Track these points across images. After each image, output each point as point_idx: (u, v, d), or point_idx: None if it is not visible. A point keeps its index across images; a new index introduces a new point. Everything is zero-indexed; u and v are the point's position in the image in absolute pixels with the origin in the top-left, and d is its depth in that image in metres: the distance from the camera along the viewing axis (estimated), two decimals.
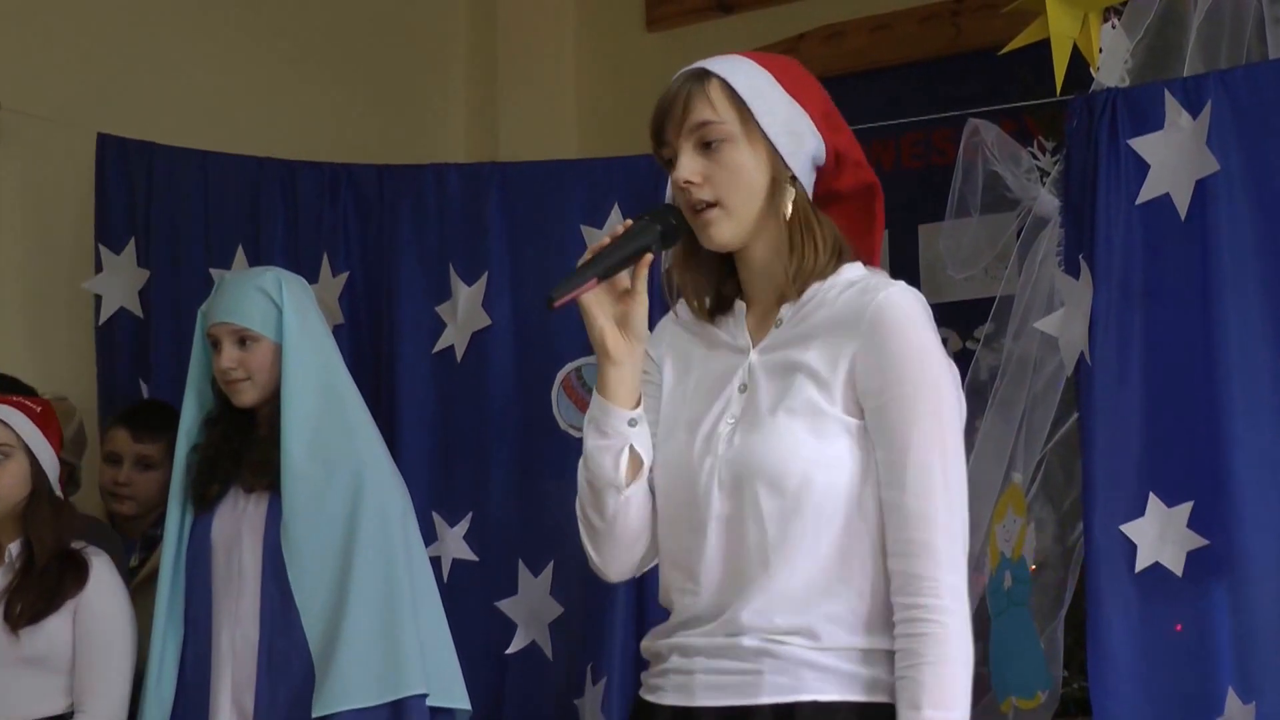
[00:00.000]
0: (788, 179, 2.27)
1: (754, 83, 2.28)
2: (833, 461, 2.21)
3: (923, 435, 2.19)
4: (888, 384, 2.20)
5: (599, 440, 2.32)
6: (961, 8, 4.77)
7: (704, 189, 2.27)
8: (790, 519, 2.20)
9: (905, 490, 2.18)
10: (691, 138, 2.28)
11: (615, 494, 2.31)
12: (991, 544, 3.40)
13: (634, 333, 2.30)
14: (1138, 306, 3.14)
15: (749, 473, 2.23)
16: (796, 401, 2.23)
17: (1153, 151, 3.15)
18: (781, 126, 2.27)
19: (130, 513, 4.09)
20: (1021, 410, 3.46)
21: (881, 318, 2.22)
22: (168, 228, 4.36)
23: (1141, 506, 3.08)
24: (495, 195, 4.17)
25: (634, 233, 2.28)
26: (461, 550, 4.11)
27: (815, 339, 2.25)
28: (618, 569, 2.38)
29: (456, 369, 4.13)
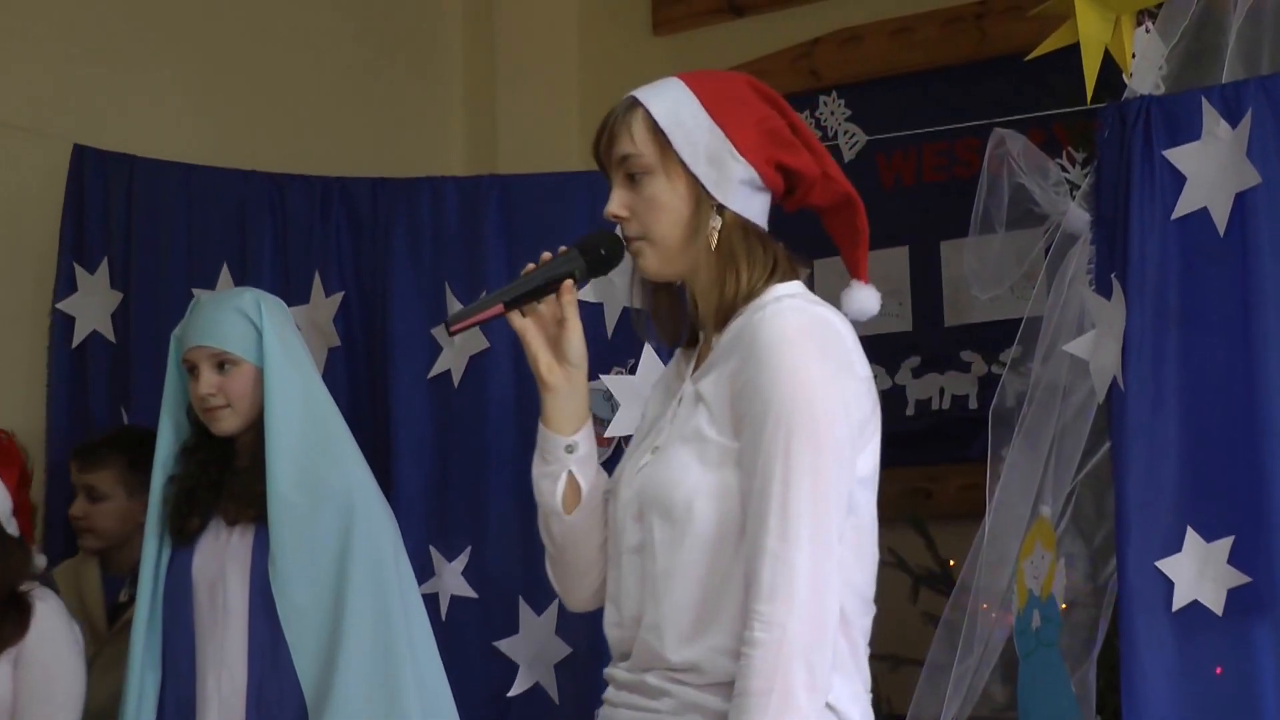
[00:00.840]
0: (712, 208, 2.35)
1: (676, 111, 2.36)
2: (714, 489, 2.28)
3: (768, 459, 2.21)
4: (750, 406, 2.25)
5: (540, 467, 2.47)
6: (986, 10, 4.78)
7: (631, 223, 2.38)
8: (677, 548, 2.28)
9: (763, 524, 2.22)
10: (618, 171, 2.39)
11: (558, 520, 2.45)
12: (1019, 581, 3.38)
13: (569, 360, 2.43)
14: (1174, 328, 3.12)
15: (647, 503, 2.33)
16: (687, 429, 2.32)
17: (1190, 163, 3.13)
18: (701, 155, 2.34)
19: (95, 547, 4.08)
20: (1050, 439, 3.45)
21: (756, 336, 2.27)
22: (148, 246, 4.36)
23: (1179, 541, 3.05)
24: (494, 209, 4.16)
25: (556, 262, 2.40)
26: (460, 587, 4.09)
27: (716, 365, 2.34)
28: (575, 598, 2.50)
29: (454, 394, 4.12)
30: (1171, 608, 3.03)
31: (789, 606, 2.17)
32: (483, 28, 5.48)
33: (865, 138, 4.81)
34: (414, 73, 5.38)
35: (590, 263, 2.40)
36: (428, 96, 5.40)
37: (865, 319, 2.41)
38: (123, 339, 4.38)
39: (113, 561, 4.09)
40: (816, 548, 2.19)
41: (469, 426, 4.12)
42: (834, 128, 4.98)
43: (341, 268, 4.25)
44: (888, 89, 4.92)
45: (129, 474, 3.98)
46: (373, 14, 5.30)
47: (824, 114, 5.01)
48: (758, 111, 2.39)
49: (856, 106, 4.96)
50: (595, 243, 2.42)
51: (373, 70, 5.26)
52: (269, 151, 4.76)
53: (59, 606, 3.63)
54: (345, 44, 5.21)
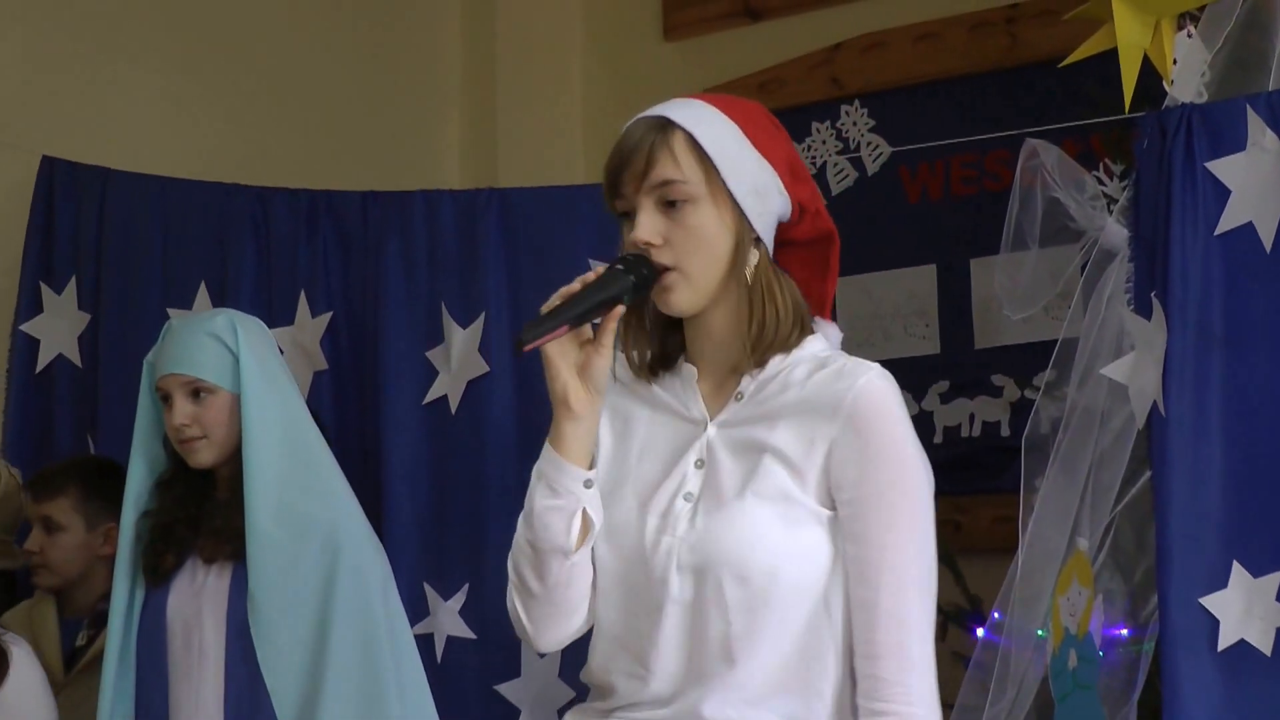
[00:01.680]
0: (752, 241, 2.37)
1: (722, 138, 2.37)
2: (802, 553, 2.34)
3: (900, 534, 2.34)
4: (865, 478, 2.33)
5: (549, 500, 2.39)
6: (1017, 14, 4.79)
7: (663, 252, 2.36)
8: (756, 611, 2.32)
9: (880, 589, 2.33)
10: (652, 195, 2.36)
11: (562, 559, 2.40)
12: (1055, 619, 3.39)
13: (596, 386, 2.39)
14: (1217, 350, 3.12)
15: (714, 559, 2.34)
16: (766, 486, 2.35)
17: (1234, 175, 3.14)
18: (749, 187, 2.36)
19: (50, 585, 4.06)
20: (1087, 468, 3.45)
21: (862, 407, 2.34)
22: (119, 264, 4.38)
23: (1224, 576, 3.06)
24: (493, 225, 4.19)
25: (606, 280, 2.36)
26: (457, 627, 4.11)
27: (784, 420, 2.37)
28: (550, 639, 2.47)
29: (450, 421, 4.14)
30: (1217, 647, 3.03)
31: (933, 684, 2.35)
32: (482, 31, 5.50)
33: (889, 149, 4.85)
34: (408, 79, 5.39)
35: (636, 285, 2.36)
36: (422, 104, 5.42)
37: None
38: (90, 364, 4.40)
39: (70, 602, 4.08)
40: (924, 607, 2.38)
41: (466, 456, 4.14)
42: (856, 139, 5.01)
43: (329, 287, 4.27)
44: (913, 98, 4.95)
45: (87, 503, 3.98)
46: (364, 17, 5.31)
47: (846, 124, 5.05)
48: (785, 145, 2.43)
49: (880, 116, 4.99)
50: (636, 264, 2.37)
51: (364, 77, 5.28)
52: (252, 164, 4.78)
53: (29, 653, 3.63)
54: (334, 50, 5.23)
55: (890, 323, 4.89)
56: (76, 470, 4.04)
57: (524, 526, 2.43)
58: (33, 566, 4.06)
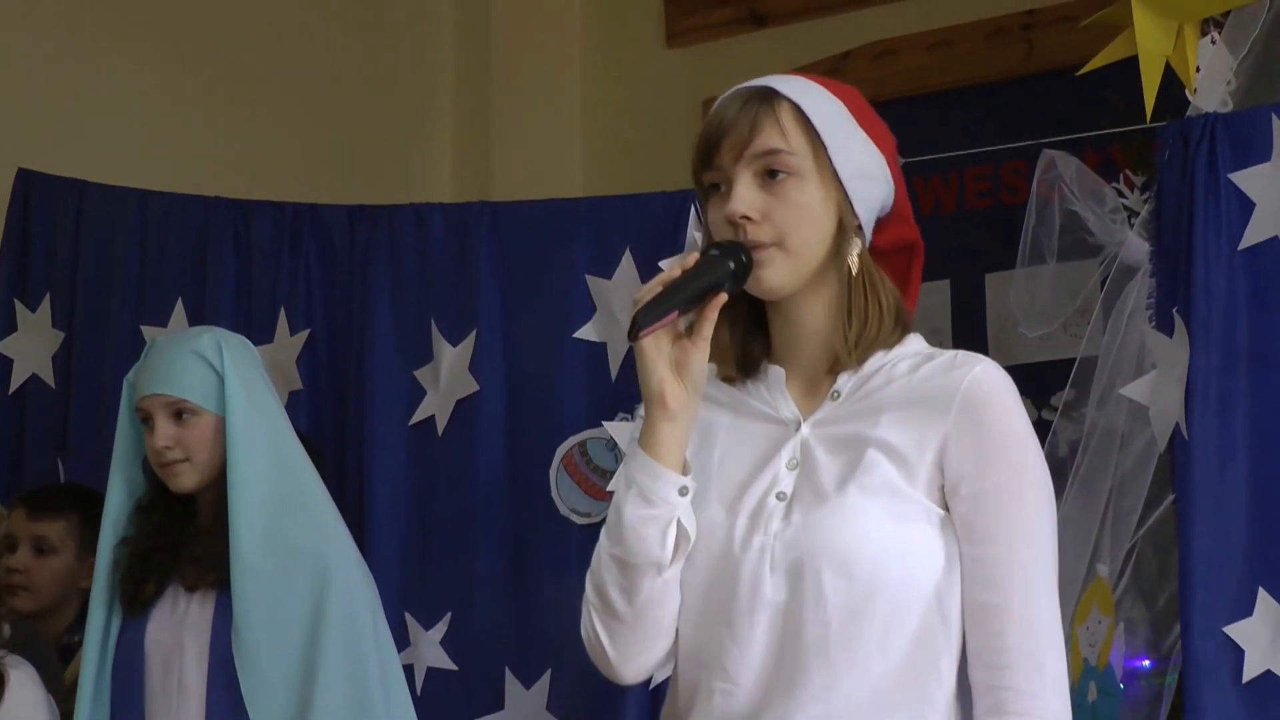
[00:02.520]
0: (854, 228, 2.30)
1: (830, 114, 2.30)
2: (913, 550, 2.24)
3: (1029, 533, 2.25)
4: (986, 472, 2.24)
5: (643, 509, 2.29)
6: (1034, 21, 4.82)
7: (763, 227, 2.28)
8: (860, 612, 2.22)
9: (1008, 593, 2.23)
10: (753, 166, 2.29)
11: (655, 575, 2.30)
12: (1073, 649, 3.42)
13: (694, 383, 2.29)
14: (1242, 368, 3.16)
15: (812, 554, 2.24)
16: (871, 479, 2.25)
17: (1258, 187, 3.18)
18: (855, 168, 2.29)
19: (27, 609, 4.06)
20: (1107, 491, 3.48)
21: (978, 395, 2.26)
22: (95, 280, 4.41)
23: (1249, 604, 3.10)
24: (486, 239, 4.20)
25: (706, 267, 2.28)
26: (438, 658, 4.12)
27: (887, 413, 2.28)
28: (636, 668, 2.36)
29: (437, 443, 4.16)
30: (1241, 678, 3.07)
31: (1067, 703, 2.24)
32: (476, 38, 5.51)
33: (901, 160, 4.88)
34: (398, 88, 5.40)
35: (734, 272, 2.28)
36: (413, 115, 5.42)
37: None
38: (63, 384, 4.42)
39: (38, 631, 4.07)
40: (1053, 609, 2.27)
41: (453, 478, 4.15)
42: None
43: (309, 303, 4.29)
44: (926, 107, 4.97)
45: (83, 530, 4.00)
46: (352, 21, 5.32)
47: None
48: (889, 134, 2.35)
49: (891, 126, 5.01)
50: (732, 249, 2.29)
51: (351, 85, 5.29)
52: (233, 176, 4.79)
53: (32, 675, 3.64)
54: (321, 56, 5.24)
55: None
56: (78, 496, 4.05)
57: (610, 541, 2.31)
58: (11, 586, 4.06)
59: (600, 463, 4.04)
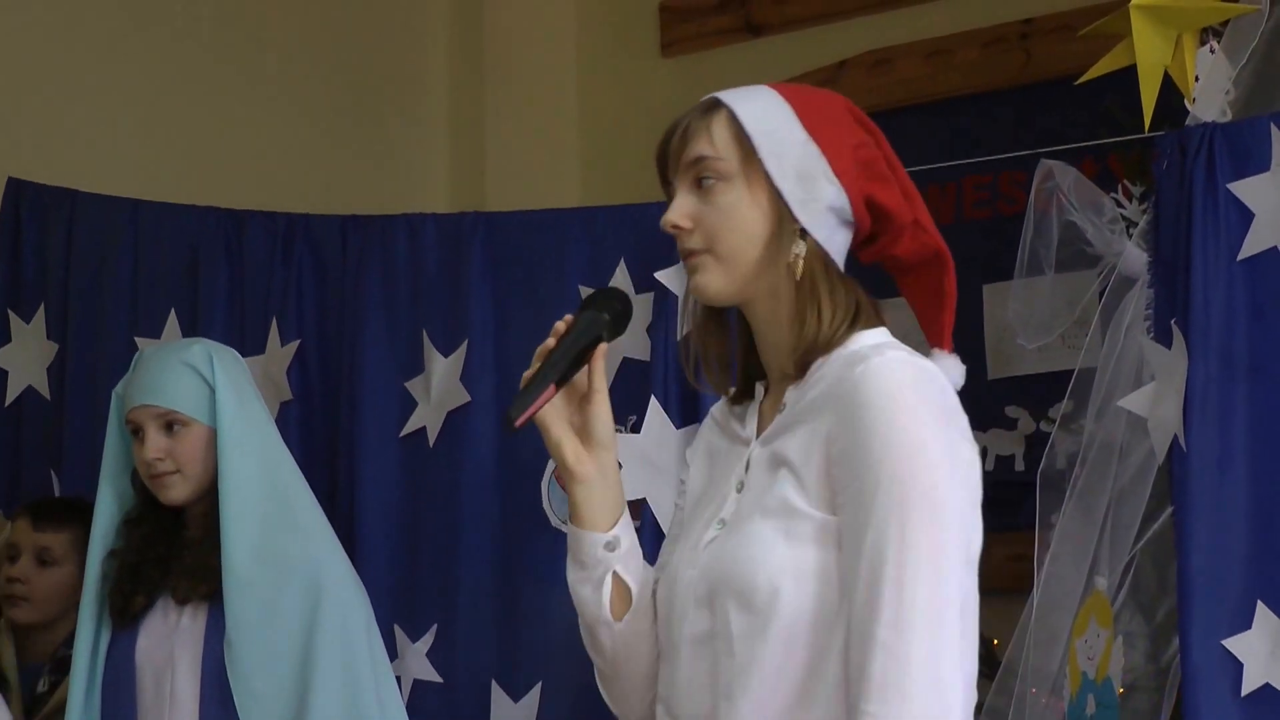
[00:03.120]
0: (794, 232, 2.30)
1: (767, 117, 2.32)
2: (803, 570, 2.19)
3: (880, 537, 2.14)
4: (852, 474, 2.18)
5: (578, 573, 2.38)
6: (1032, 30, 4.82)
7: (693, 235, 2.32)
8: (758, 638, 2.20)
9: (854, 603, 2.16)
10: (687, 175, 2.34)
11: (607, 630, 2.37)
12: (1071, 662, 3.42)
13: (598, 440, 2.36)
14: (1241, 380, 3.17)
15: (720, 586, 2.25)
16: (771, 499, 2.24)
17: (1257, 197, 3.18)
18: (790, 169, 2.30)
19: (27, 620, 4.07)
20: (1106, 504, 3.48)
21: (857, 392, 2.19)
22: (87, 290, 4.40)
23: (1248, 618, 3.10)
24: (479, 250, 4.20)
25: (581, 327, 2.35)
26: (424, 670, 4.12)
27: (800, 424, 2.25)
28: (633, 712, 2.42)
29: (428, 455, 4.16)
30: (1240, 691, 3.08)
31: (903, 707, 2.11)
32: (470, 47, 5.52)
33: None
34: (391, 97, 5.40)
35: (613, 320, 2.36)
36: (407, 125, 5.42)
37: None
38: (57, 396, 4.41)
39: (34, 645, 4.09)
40: (935, 641, 2.13)
41: (442, 490, 4.15)
42: None
43: (300, 314, 4.29)
44: (923, 117, 4.98)
45: (85, 544, 3.98)
46: (345, 30, 5.32)
47: None
48: (855, 135, 2.34)
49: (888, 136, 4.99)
50: (609, 298, 2.38)
51: (343, 94, 5.29)
52: (226, 185, 4.79)
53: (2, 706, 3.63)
54: (313, 65, 5.24)
55: None
56: (82, 509, 4.00)
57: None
58: (11, 596, 4.06)
59: None
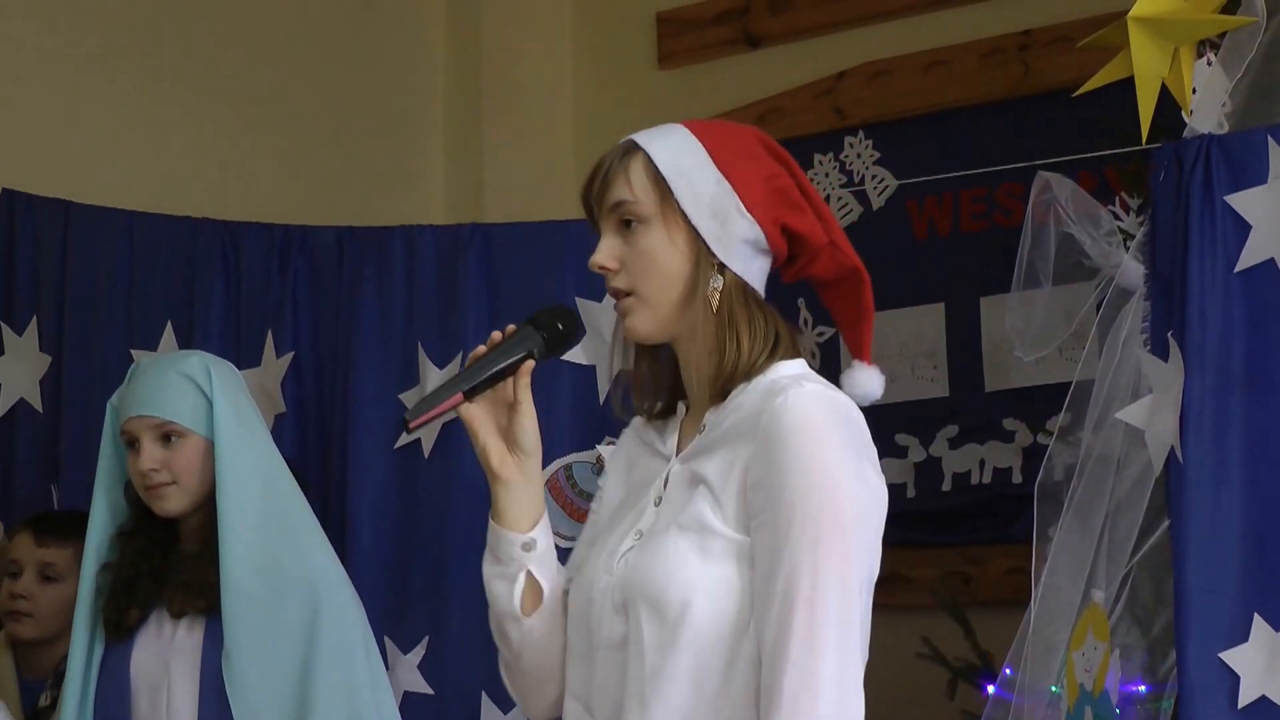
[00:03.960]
0: (713, 266, 2.43)
1: (680, 159, 2.44)
2: (716, 586, 2.34)
3: (794, 560, 2.29)
4: (769, 500, 2.32)
5: (493, 568, 2.52)
6: (1030, 41, 4.83)
7: (620, 276, 2.45)
8: (669, 648, 2.34)
9: (766, 623, 2.30)
10: (611, 218, 2.46)
11: (516, 625, 2.51)
12: (1069, 675, 3.43)
13: (523, 448, 2.49)
14: (1237, 393, 3.17)
15: (634, 594, 2.38)
16: (687, 515, 2.38)
17: (1255, 209, 3.19)
18: (705, 208, 2.43)
19: (31, 635, 4.07)
20: (1103, 517, 3.49)
21: (775, 424, 2.33)
22: (82, 303, 4.41)
23: (1245, 630, 3.11)
24: (475, 261, 4.22)
25: (513, 341, 2.46)
26: (414, 681, 4.14)
27: (719, 448, 2.40)
28: (538, 706, 2.56)
29: (423, 467, 4.18)
30: (1237, 704, 3.08)
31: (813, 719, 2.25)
32: (467, 59, 5.52)
33: (896, 182, 4.89)
34: (389, 109, 5.40)
35: (549, 340, 2.47)
36: (404, 136, 5.43)
37: (868, 404, 2.47)
38: (52, 408, 4.42)
39: (35, 659, 4.10)
40: (843, 658, 2.28)
41: (438, 503, 4.17)
42: (861, 171, 5.06)
43: (296, 326, 4.31)
44: (921, 129, 4.99)
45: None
46: (340, 44, 5.32)
47: (850, 156, 5.10)
48: (766, 168, 2.46)
49: (886, 148, 5.04)
50: (552, 318, 2.49)
51: (340, 106, 5.29)
52: (222, 197, 4.80)
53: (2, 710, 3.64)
54: (311, 76, 5.24)
55: (897, 364, 4.92)
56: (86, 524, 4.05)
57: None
58: (14, 612, 4.07)
59: (585, 486, 4.07)
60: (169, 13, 5.00)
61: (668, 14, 5.45)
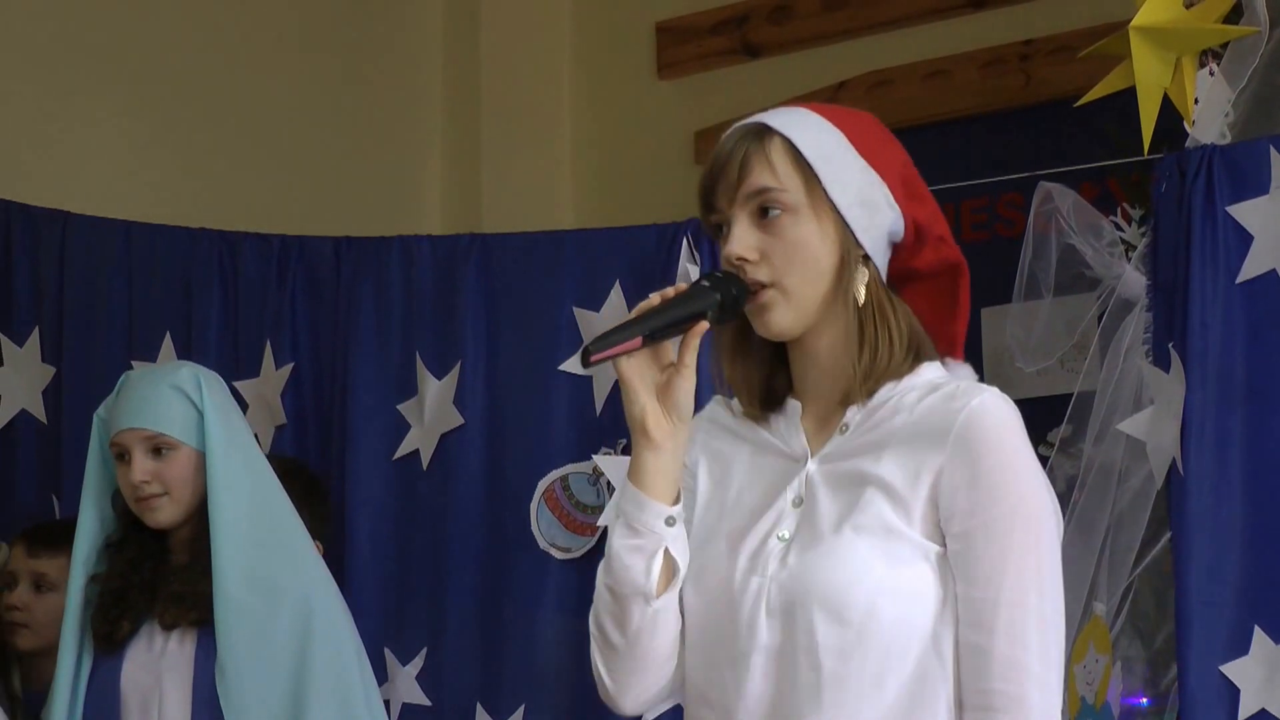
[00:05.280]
0: (859, 258, 2.33)
1: (823, 144, 2.33)
2: (907, 591, 2.27)
3: (1019, 570, 2.26)
4: (978, 506, 2.26)
5: (629, 539, 2.34)
6: (1031, 51, 4.84)
7: (760, 267, 2.32)
8: (851, 654, 2.25)
9: (994, 634, 2.24)
10: (748, 206, 2.33)
11: (643, 604, 2.34)
12: (1070, 688, 3.43)
13: (679, 413, 2.33)
14: (1239, 405, 3.18)
15: (804, 597, 2.28)
16: (866, 518, 2.29)
17: (1257, 220, 3.20)
18: (854, 197, 2.32)
19: (28, 646, 4.07)
20: (1104, 529, 3.49)
21: (974, 428, 2.27)
22: (82, 314, 4.42)
23: (1245, 643, 3.12)
24: (473, 272, 4.22)
25: (689, 296, 2.32)
26: (413, 693, 4.13)
27: (889, 448, 2.30)
28: (635, 699, 2.41)
29: (421, 477, 4.18)
30: (1237, 716, 3.09)
31: None
32: (466, 68, 5.53)
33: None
34: (386, 119, 5.42)
35: (723, 303, 2.32)
36: (402, 147, 5.44)
37: None
38: (54, 419, 4.42)
39: (36, 672, 4.09)
40: (1061, 670, 2.29)
41: (436, 514, 4.17)
42: None
43: (296, 336, 4.31)
44: (922, 138, 4.96)
45: None
46: (338, 54, 5.34)
47: None
48: (900, 155, 2.39)
49: None
50: (725, 281, 2.33)
51: (339, 116, 5.30)
52: (219, 207, 4.80)
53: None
54: (308, 86, 5.26)
55: None
56: None
57: (603, 571, 2.36)
58: (13, 624, 4.07)
59: (582, 497, 4.06)
60: (165, 23, 5.02)
61: (667, 24, 5.46)
